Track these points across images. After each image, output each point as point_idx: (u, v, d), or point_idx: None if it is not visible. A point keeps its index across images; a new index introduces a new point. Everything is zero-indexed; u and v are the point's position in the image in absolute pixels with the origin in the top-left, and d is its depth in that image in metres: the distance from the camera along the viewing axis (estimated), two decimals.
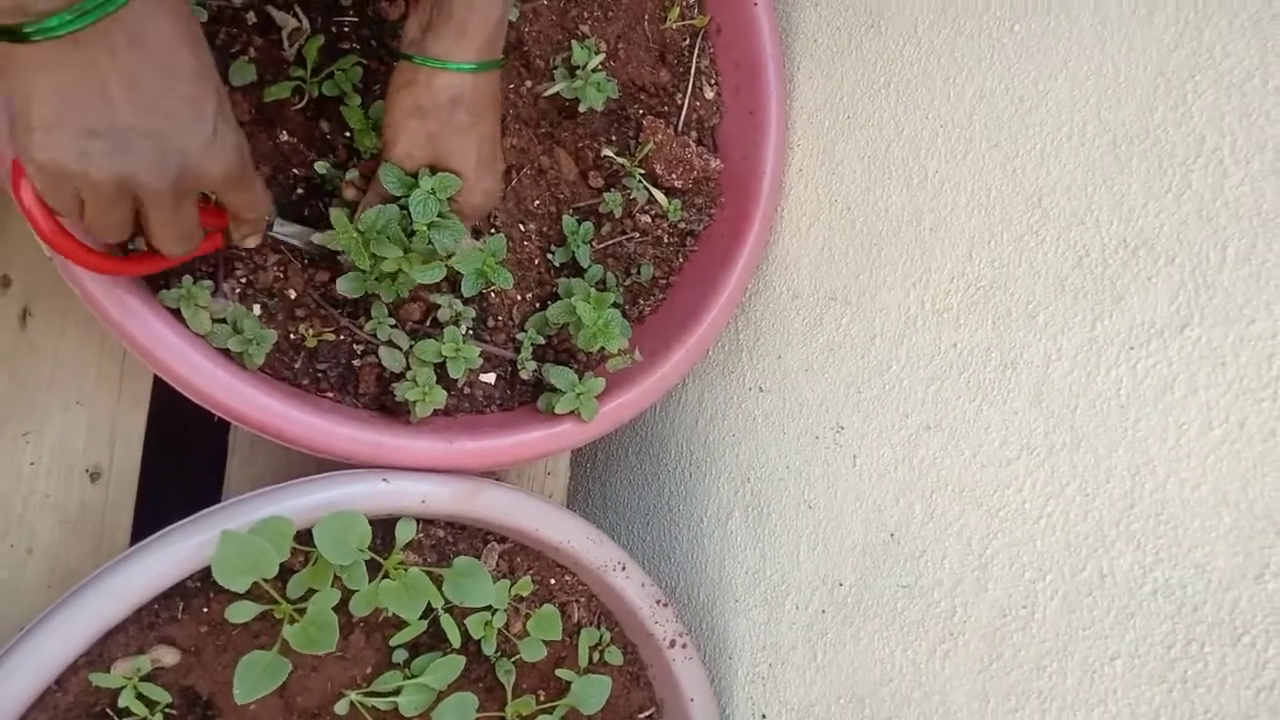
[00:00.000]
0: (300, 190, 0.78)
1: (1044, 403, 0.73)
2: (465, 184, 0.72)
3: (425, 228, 0.71)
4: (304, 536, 0.71)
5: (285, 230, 0.74)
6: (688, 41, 0.98)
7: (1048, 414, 0.72)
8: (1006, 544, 0.74)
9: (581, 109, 0.89)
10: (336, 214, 0.71)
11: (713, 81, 0.99)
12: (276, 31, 0.77)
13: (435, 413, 0.81)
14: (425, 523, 0.81)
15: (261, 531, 0.67)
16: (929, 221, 0.83)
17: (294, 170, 0.78)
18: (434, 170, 0.72)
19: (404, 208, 0.71)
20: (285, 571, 0.73)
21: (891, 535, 0.83)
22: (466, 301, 0.84)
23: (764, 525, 0.95)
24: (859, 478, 0.86)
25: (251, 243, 0.69)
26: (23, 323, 0.78)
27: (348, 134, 0.80)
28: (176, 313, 0.71)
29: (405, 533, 0.77)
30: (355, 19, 0.80)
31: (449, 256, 0.74)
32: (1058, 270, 0.73)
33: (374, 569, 0.74)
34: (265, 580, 0.68)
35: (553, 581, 0.88)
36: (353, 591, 0.72)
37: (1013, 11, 0.79)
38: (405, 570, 0.74)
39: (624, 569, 0.87)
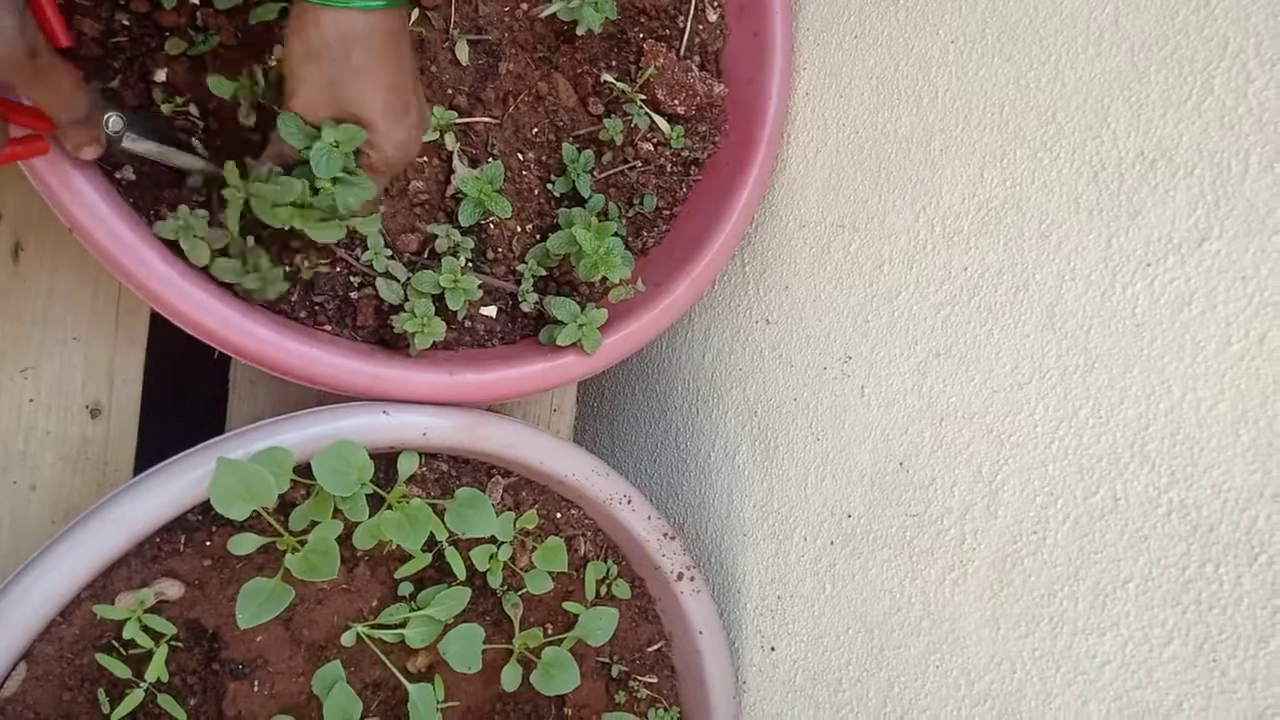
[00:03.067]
0: None
1: (1057, 325, 0.71)
2: (373, 135, 0.64)
3: (330, 183, 0.64)
4: (306, 471, 0.70)
5: (142, 147, 0.67)
6: None
7: (1060, 336, 0.70)
8: (1017, 469, 0.73)
9: (579, 31, 0.86)
10: (229, 167, 0.64)
11: (715, 3, 0.96)
12: None
13: (435, 346, 0.80)
14: (428, 456, 0.80)
15: (260, 461, 0.66)
16: (939, 142, 0.81)
17: None
18: (339, 121, 0.64)
19: (306, 162, 0.64)
20: (287, 505, 0.73)
21: (900, 464, 0.82)
22: (465, 231, 0.82)
23: (772, 458, 0.94)
24: (867, 407, 0.85)
25: (88, 154, 0.63)
26: (15, 258, 0.77)
27: None
28: (173, 244, 0.70)
29: (407, 466, 0.76)
30: None
31: (351, 215, 0.67)
32: (1072, 187, 0.71)
33: (378, 503, 0.74)
34: (267, 512, 0.68)
35: (558, 515, 0.87)
36: (356, 524, 0.71)
37: None
38: (408, 502, 0.73)
39: (629, 502, 0.87)
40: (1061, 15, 0.72)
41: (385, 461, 0.78)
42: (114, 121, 0.64)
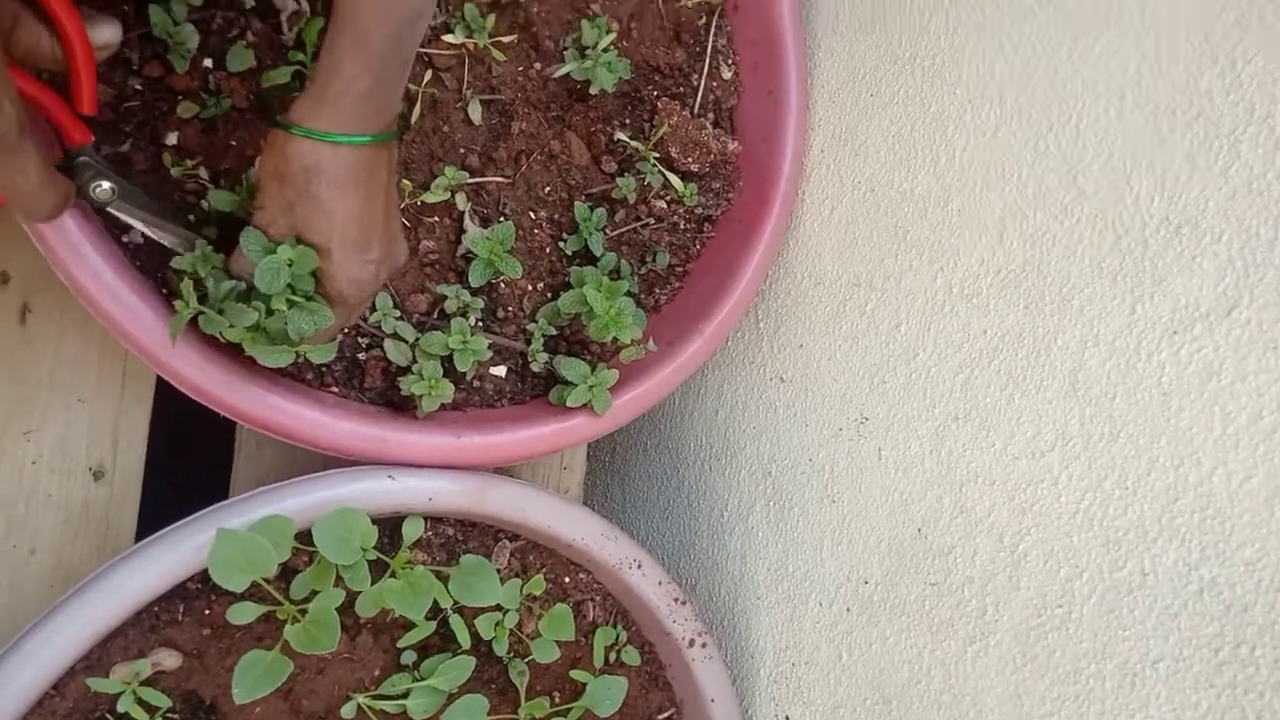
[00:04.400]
0: None
1: (1080, 391, 0.69)
2: (329, 266, 0.63)
3: (285, 306, 0.62)
4: (309, 536, 0.69)
5: (131, 218, 0.65)
6: (704, 20, 0.94)
7: (1084, 403, 0.68)
8: (1040, 539, 0.70)
9: (593, 91, 0.86)
10: (187, 286, 0.63)
11: (730, 61, 0.96)
12: (275, 15, 0.74)
13: (443, 407, 0.78)
14: (434, 520, 0.78)
15: (261, 530, 0.65)
16: (957, 203, 0.79)
17: None
18: (300, 242, 0.62)
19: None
20: (289, 573, 0.71)
21: (919, 530, 0.79)
22: (475, 292, 0.81)
23: (786, 520, 0.92)
24: (884, 470, 0.83)
25: (42, 218, 0.59)
26: (22, 319, 0.76)
27: None
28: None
29: (412, 531, 0.74)
30: None
31: (302, 342, 0.65)
32: (1095, 251, 0.69)
33: (381, 569, 0.72)
34: (267, 581, 0.66)
35: (566, 580, 0.85)
36: (359, 592, 0.70)
37: None
38: (411, 569, 0.71)
39: (640, 566, 0.84)
40: (1082, 76, 0.71)
41: (390, 526, 0.76)
42: (101, 191, 0.62)
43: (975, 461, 0.75)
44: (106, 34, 0.60)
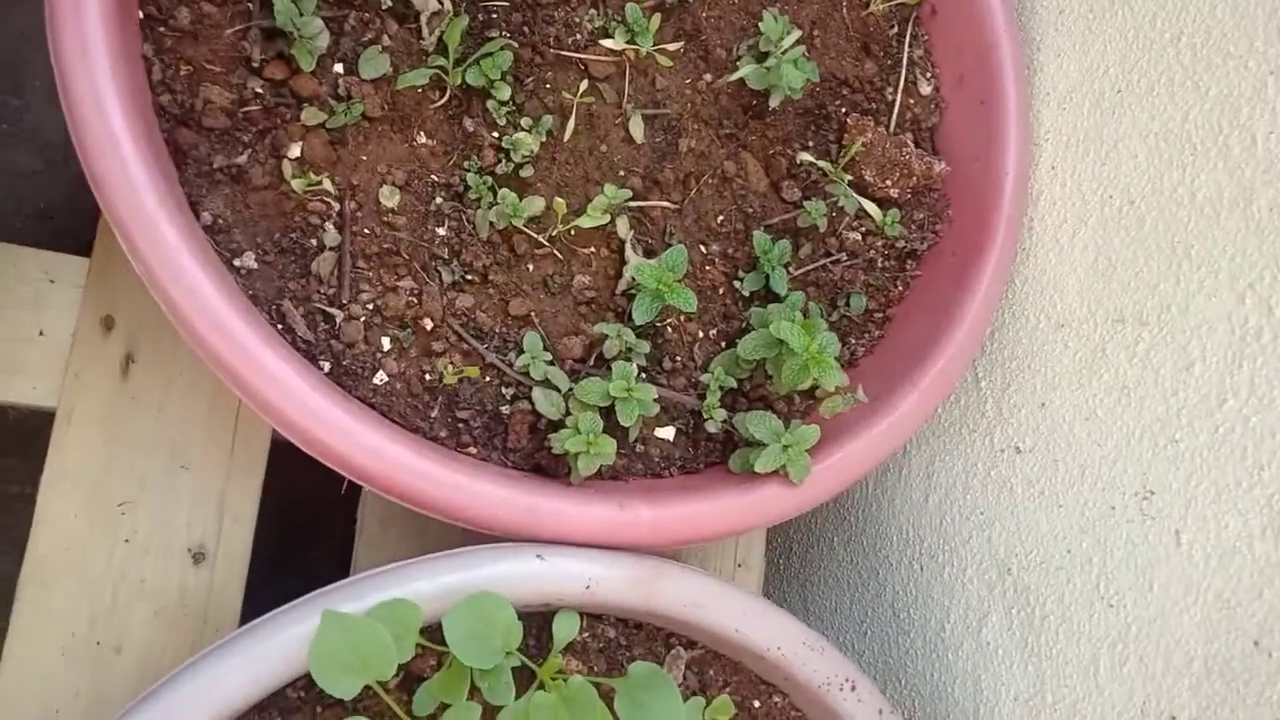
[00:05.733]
0: (439, 199, 0.64)
1: None
2: None
3: None
4: (438, 632, 0.53)
5: None
6: (895, 29, 0.81)
7: None
8: None
9: (772, 103, 0.72)
10: None
11: (928, 74, 0.81)
12: (414, 17, 0.65)
13: (601, 473, 0.63)
14: (591, 618, 0.61)
15: (378, 616, 0.50)
16: (1266, 200, 0.61)
17: (432, 176, 0.65)
18: None
19: None
20: (412, 679, 0.55)
21: (1256, 644, 0.57)
22: (639, 333, 0.67)
23: (1039, 632, 0.70)
24: (1189, 561, 0.61)
25: None
26: (125, 371, 0.66)
27: (495, 133, 0.66)
28: (290, 341, 0.58)
29: (566, 629, 0.58)
30: (505, 2, 0.67)
31: None
32: None
33: (527, 678, 0.55)
34: (384, 688, 0.50)
35: (756, 704, 0.66)
36: (499, 709, 0.53)
37: None
38: (565, 680, 0.54)
39: (854, 688, 0.65)
40: None
41: (537, 623, 0.60)
42: None
43: None
44: None
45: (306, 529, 0.81)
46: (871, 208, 0.76)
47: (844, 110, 0.77)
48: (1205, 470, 0.61)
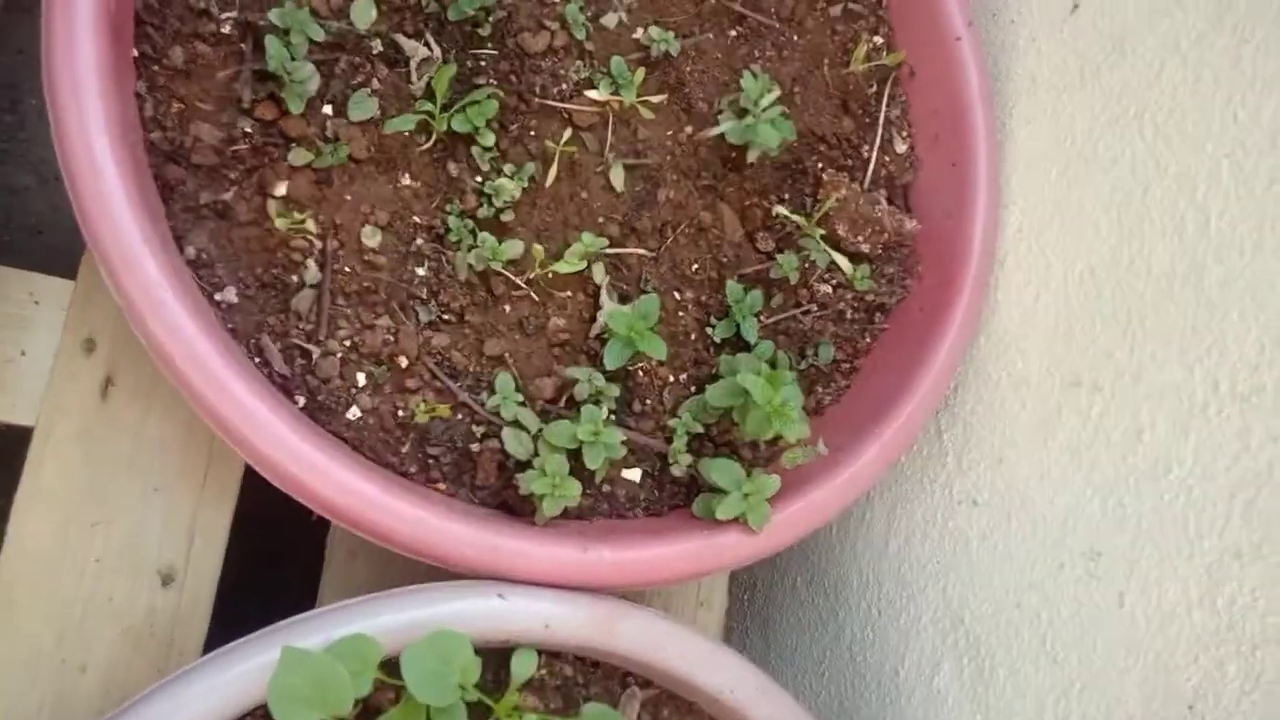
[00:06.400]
0: (420, 240, 0.66)
1: None
2: None
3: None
4: (399, 665, 0.54)
5: None
6: (874, 88, 0.83)
7: None
8: None
9: (750, 157, 0.75)
10: None
11: (904, 133, 0.84)
12: (404, 62, 0.67)
13: (567, 513, 0.65)
14: (550, 656, 0.63)
15: (337, 653, 0.51)
16: (1216, 277, 0.63)
17: (415, 218, 0.66)
18: None
19: None
20: (371, 712, 0.57)
21: (1190, 708, 0.59)
22: (610, 377, 0.68)
23: (988, 683, 0.72)
24: (1131, 623, 0.63)
25: None
26: (104, 393, 0.67)
27: (479, 178, 0.68)
28: (265, 375, 0.59)
29: (523, 667, 0.59)
30: (494, 51, 0.69)
31: None
32: None
33: (483, 715, 0.57)
34: (339, 719, 0.52)
35: None
36: None
37: None
38: (520, 717, 0.56)
39: None
40: None
41: (496, 660, 0.61)
42: None
43: (1275, 615, 0.55)
44: None
45: (278, 551, 0.83)
46: (843, 262, 0.78)
47: (820, 165, 0.80)
48: (1149, 536, 0.64)
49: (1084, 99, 0.75)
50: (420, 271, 0.66)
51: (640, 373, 0.72)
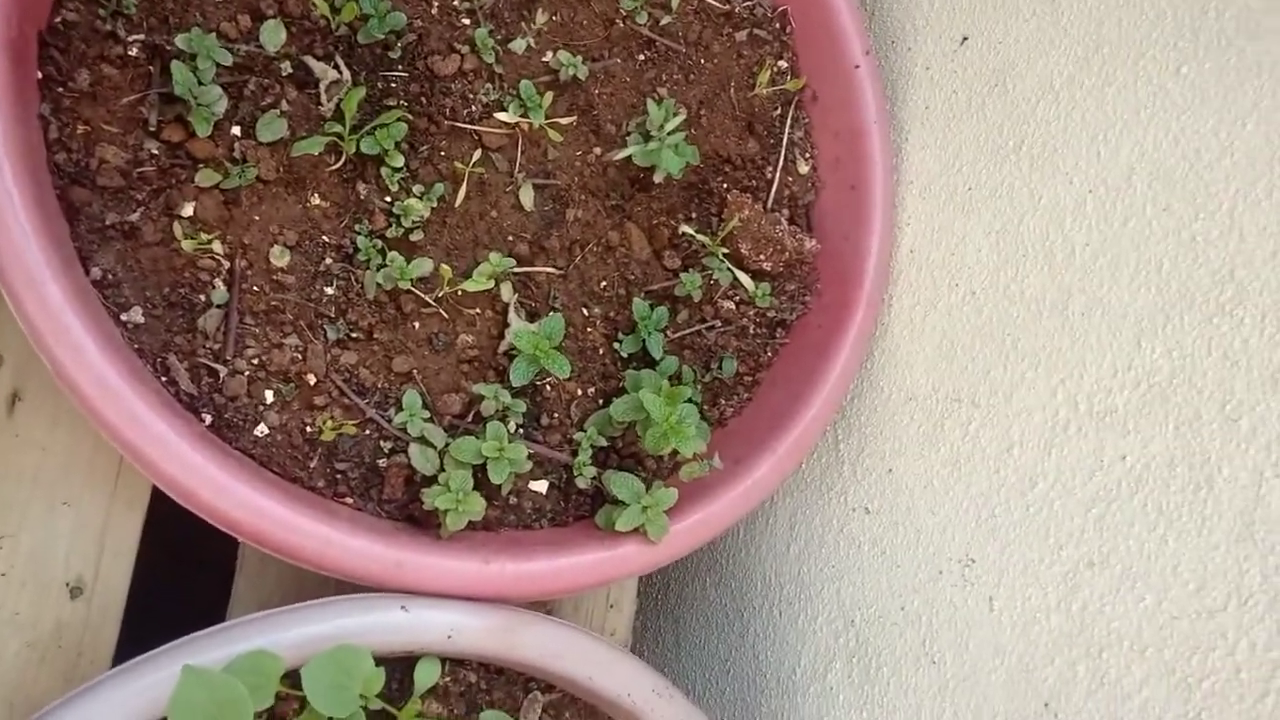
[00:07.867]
0: (329, 259, 0.68)
1: (1259, 535, 0.55)
2: None
3: None
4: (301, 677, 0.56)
5: None
6: (779, 110, 0.87)
7: (1266, 550, 0.54)
8: None
9: (657, 179, 0.78)
10: None
11: (807, 155, 0.87)
12: (314, 84, 0.68)
13: (472, 526, 0.67)
14: (453, 663, 0.65)
15: (238, 669, 0.53)
16: (1079, 304, 0.68)
17: (324, 238, 0.68)
18: None
19: None
20: None
21: (1045, 705, 0.64)
22: (516, 393, 0.71)
23: (873, 681, 0.77)
24: (998, 626, 0.68)
25: None
26: (10, 408, 0.68)
27: (388, 198, 0.70)
28: (172, 394, 0.60)
29: (426, 676, 0.62)
30: (404, 74, 0.71)
31: None
32: (1264, 359, 0.56)
33: None
34: None
35: None
36: None
37: (1177, 54, 0.65)
38: None
39: None
40: (1233, 156, 0.60)
41: (401, 668, 0.63)
42: None
43: (1119, 620, 0.61)
44: None
45: (192, 558, 0.83)
46: (745, 279, 0.81)
47: (726, 186, 0.83)
48: (1016, 544, 0.69)
49: (970, 128, 0.80)
50: (329, 290, 0.67)
51: (548, 387, 0.74)
